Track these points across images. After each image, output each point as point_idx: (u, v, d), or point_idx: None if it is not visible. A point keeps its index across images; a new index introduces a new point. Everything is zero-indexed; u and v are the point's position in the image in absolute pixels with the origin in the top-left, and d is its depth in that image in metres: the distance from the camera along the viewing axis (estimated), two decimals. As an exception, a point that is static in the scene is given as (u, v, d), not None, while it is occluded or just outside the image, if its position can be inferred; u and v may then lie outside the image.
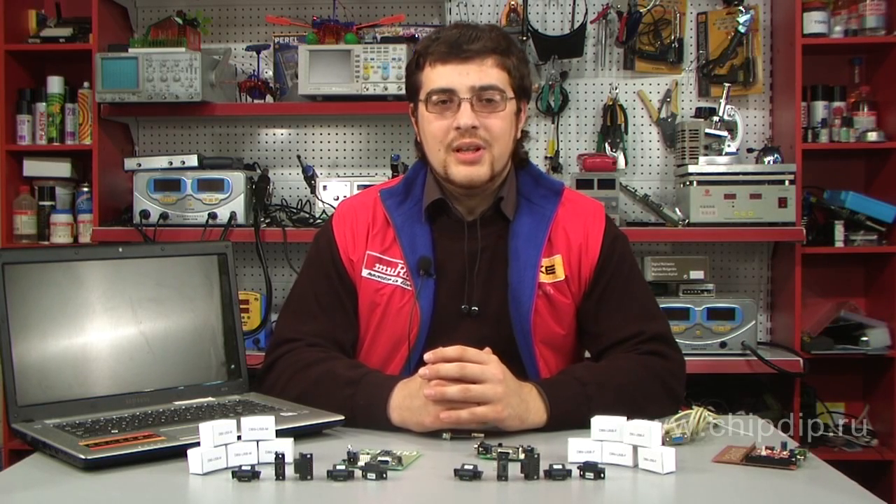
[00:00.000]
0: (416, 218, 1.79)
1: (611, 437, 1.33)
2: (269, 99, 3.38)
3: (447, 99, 1.71)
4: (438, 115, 1.72)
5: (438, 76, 1.72)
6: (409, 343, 1.74)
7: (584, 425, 1.43)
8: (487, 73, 1.70)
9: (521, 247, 1.76)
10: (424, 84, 1.75)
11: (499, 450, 1.34)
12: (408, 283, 1.76)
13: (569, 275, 1.77)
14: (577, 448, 1.34)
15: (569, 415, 1.53)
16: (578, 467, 1.29)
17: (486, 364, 1.49)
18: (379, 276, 1.78)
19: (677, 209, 3.25)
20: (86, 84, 3.33)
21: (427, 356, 1.50)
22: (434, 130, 1.73)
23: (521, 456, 1.30)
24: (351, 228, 1.82)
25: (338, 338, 1.77)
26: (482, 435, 1.46)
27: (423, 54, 1.75)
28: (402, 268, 1.76)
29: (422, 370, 1.50)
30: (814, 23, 3.19)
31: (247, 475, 1.26)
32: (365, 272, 1.78)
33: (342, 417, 1.51)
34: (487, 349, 1.53)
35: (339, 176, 3.41)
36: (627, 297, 1.78)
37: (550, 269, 1.76)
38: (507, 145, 1.75)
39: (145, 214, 3.14)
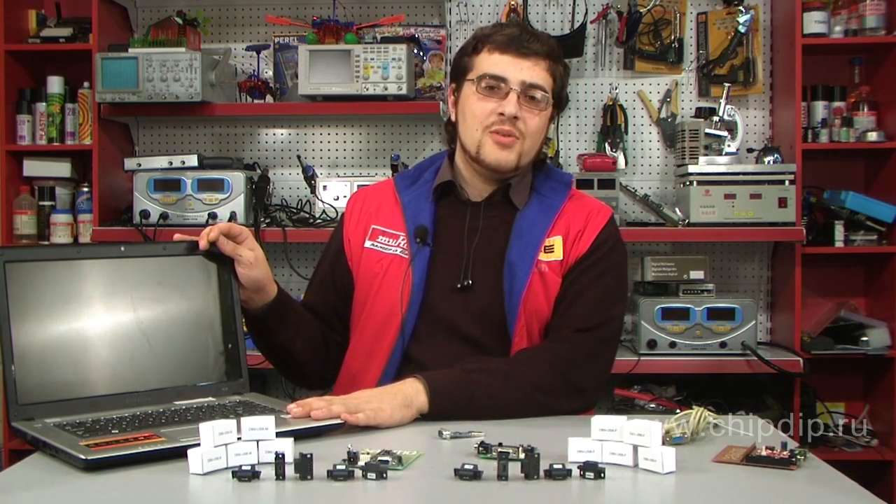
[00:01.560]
0: (424, 197, 1.89)
1: (611, 436, 1.33)
2: (269, 99, 3.38)
3: (496, 86, 1.80)
4: (484, 98, 1.80)
5: (494, 63, 1.80)
6: (403, 310, 1.79)
7: (473, 411, 1.59)
8: (539, 73, 1.81)
9: (525, 228, 1.83)
10: (477, 66, 1.82)
11: (499, 449, 1.34)
12: (406, 252, 1.83)
13: (563, 257, 1.82)
14: (578, 448, 1.34)
15: (451, 395, 1.61)
16: (578, 467, 1.29)
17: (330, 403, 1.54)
18: (381, 247, 1.86)
19: (677, 209, 3.25)
20: (86, 84, 3.34)
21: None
22: (476, 111, 1.81)
23: (521, 456, 1.30)
24: (360, 208, 1.93)
25: (315, 308, 1.92)
26: (482, 434, 1.46)
27: (482, 40, 1.84)
28: (403, 239, 1.85)
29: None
30: (814, 23, 3.19)
31: (247, 475, 1.26)
32: (368, 243, 1.87)
33: (342, 421, 1.52)
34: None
35: (339, 176, 3.41)
36: (586, 291, 1.80)
37: (549, 249, 1.81)
38: (537, 143, 1.85)
39: (145, 214, 3.14)
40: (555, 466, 1.27)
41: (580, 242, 1.82)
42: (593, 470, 1.28)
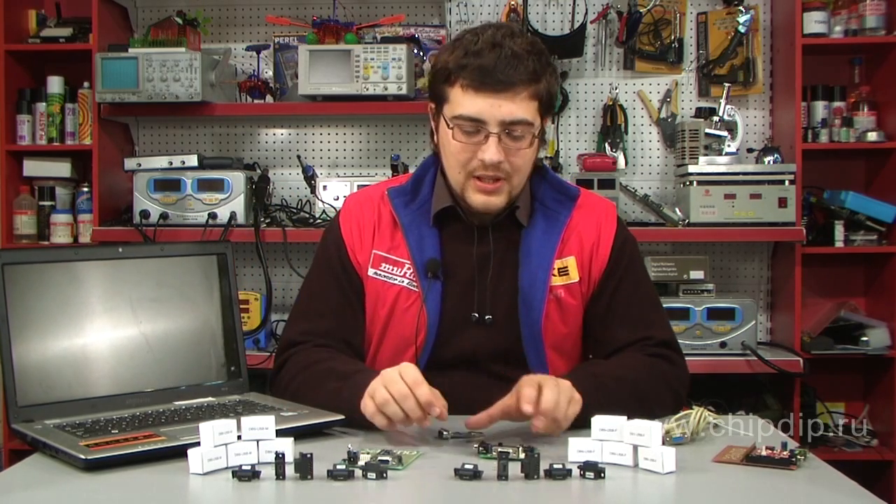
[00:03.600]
0: (424, 219, 1.76)
1: (611, 436, 1.33)
2: (269, 99, 3.38)
3: (474, 130, 1.65)
4: (463, 142, 1.67)
5: (470, 103, 1.64)
6: (417, 347, 1.71)
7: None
8: (519, 105, 1.64)
9: (533, 249, 1.74)
10: (452, 103, 1.67)
11: (499, 449, 1.34)
12: (414, 283, 1.73)
13: (582, 276, 1.76)
14: (578, 448, 1.34)
15: (591, 406, 1.48)
16: (578, 467, 1.29)
17: (542, 396, 1.44)
18: (385, 276, 1.75)
19: (677, 209, 3.25)
20: (86, 84, 3.33)
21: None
22: (456, 153, 1.68)
23: (521, 455, 1.30)
24: (358, 225, 1.79)
25: (346, 338, 1.76)
26: (482, 434, 1.46)
27: (455, 71, 1.66)
28: (408, 268, 1.74)
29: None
30: (814, 23, 3.19)
31: (247, 475, 1.26)
32: (371, 271, 1.76)
33: (342, 417, 1.51)
34: (527, 378, 1.48)
35: (339, 176, 3.41)
36: (636, 303, 1.77)
37: (563, 271, 1.74)
38: (526, 174, 1.73)
39: (145, 214, 3.14)
40: (555, 466, 1.27)
41: (598, 254, 1.76)
42: (593, 470, 1.28)
